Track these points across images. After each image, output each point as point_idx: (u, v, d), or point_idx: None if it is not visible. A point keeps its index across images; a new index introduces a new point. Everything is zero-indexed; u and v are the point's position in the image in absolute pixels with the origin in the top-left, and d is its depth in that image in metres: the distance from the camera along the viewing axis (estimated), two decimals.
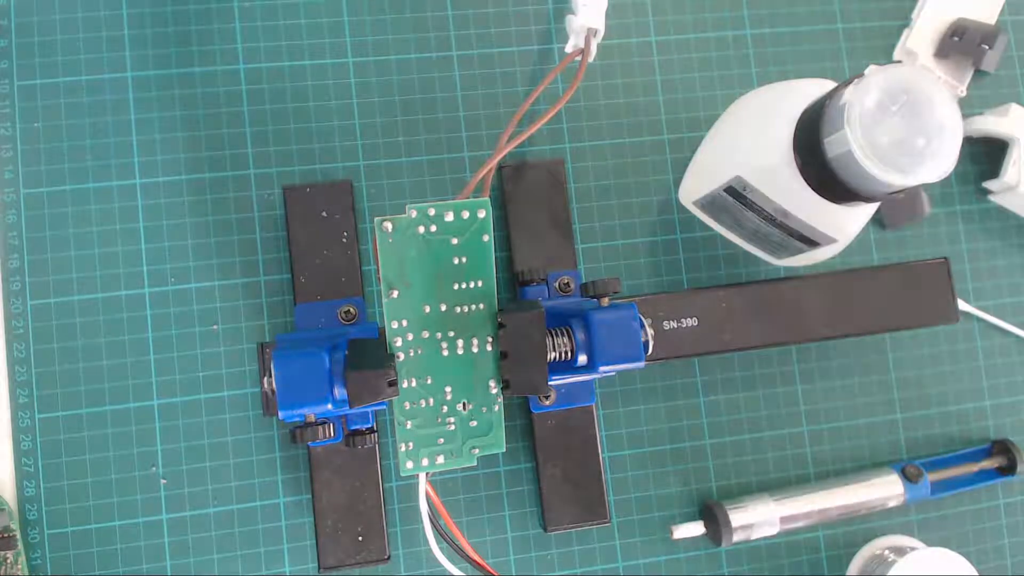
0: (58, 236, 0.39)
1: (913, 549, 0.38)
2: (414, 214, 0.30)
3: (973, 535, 0.42)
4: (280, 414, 0.32)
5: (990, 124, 0.43)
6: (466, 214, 0.30)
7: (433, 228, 0.30)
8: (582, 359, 0.35)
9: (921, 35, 0.45)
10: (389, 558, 0.37)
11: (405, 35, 0.42)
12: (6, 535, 0.36)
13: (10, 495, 0.37)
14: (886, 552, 0.40)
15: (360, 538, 0.37)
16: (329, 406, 0.32)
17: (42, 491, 0.37)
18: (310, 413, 0.32)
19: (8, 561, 0.36)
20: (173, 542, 0.38)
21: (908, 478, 0.40)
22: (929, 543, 0.40)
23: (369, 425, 0.36)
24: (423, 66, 0.42)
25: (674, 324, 0.38)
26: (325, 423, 0.33)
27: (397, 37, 0.42)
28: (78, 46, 0.40)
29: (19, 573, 0.36)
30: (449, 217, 0.30)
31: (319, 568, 0.37)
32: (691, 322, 0.38)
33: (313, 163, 0.41)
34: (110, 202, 0.39)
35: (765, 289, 0.39)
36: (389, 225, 0.30)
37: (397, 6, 0.42)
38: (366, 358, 0.32)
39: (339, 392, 0.32)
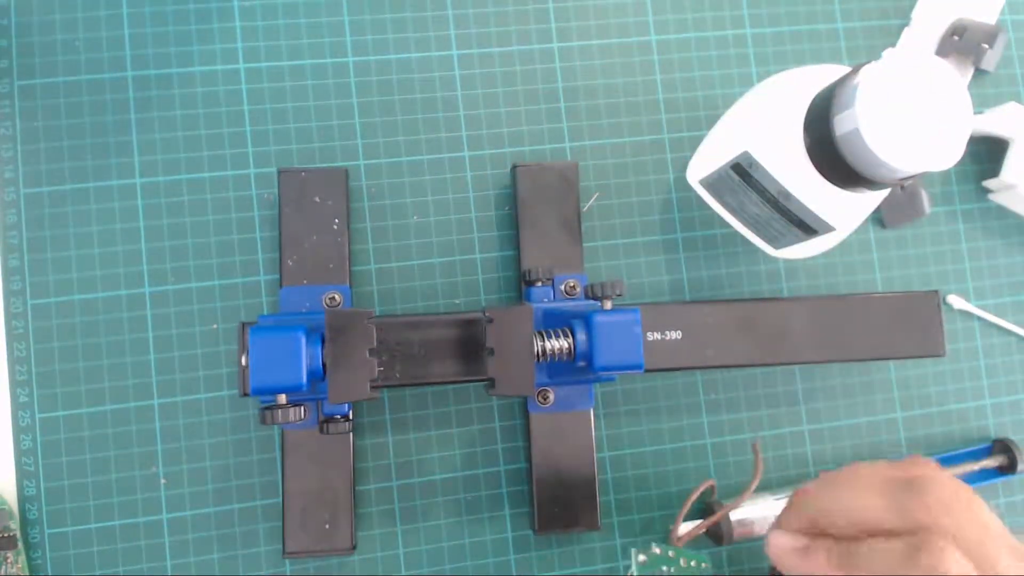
0: (58, 235, 0.39)
1: None
2: (658, 551, 0.34)
3: None
4: (251, 391, 0.32)
5: (990, 123, 0.43)
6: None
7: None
8: (581, 361, 0.35)
9: (921, 34, 0.45)
10: (354, 548, 0.37)
11: (405, 34, 0.42)
12: (6, 534, 0.36)
13: (10, 494, 0.37)
14: None
15: (327, 526, 0.37)
16: (310, 387, 0.32)
17: (42, 490, 0.37)
18: (283, 393, 0.32)
19: (8, 560, 0.36)
20: (173, 541, 0.38)
21: None
22: None
23: (344, 413, 0.36)
24: (423, 65, 0.42)
25: (658, 336, 0.37)
26: (297, 406, 0.32)
27: (397, 36, 0.42)
28: (78, 45, 0.40)
29: (19, 572, 0.36)
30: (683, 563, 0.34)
31: (283, 553, 0.37)
32: (675, 335, 0.37)
33: (313, 162, 0.41)
34: (110, 201, 0.39)
35: (752, 307, 0.39)
36: (644, 557, 0.34)
37: (397, 5, 0.42)
38: (348, 351, 0.31)
39: (315, 375, 0.33)
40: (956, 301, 0.44)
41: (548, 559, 0.40)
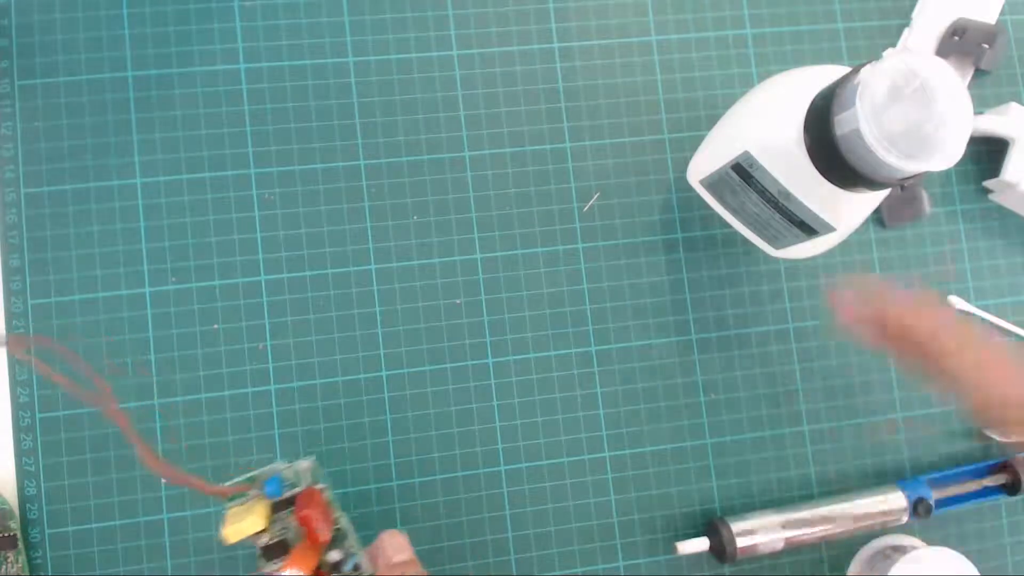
0: (59, 235, 0.39)
1: (914, 548, 0.38)
2: None
3: (973, 534, 0.42)
4: None
5: (990, 123, 0.43)
6: None
7: None
8: None
9: (921, 35, 0.45)
10: None
11: (405, 34, 0.42)
12: (7, 534, 0.36)
13: (11, 494, 0.37)
14: (887, 551, 0.40)
15: None
16: None
17: (43, 490, 0.37)
18: None
19: (9, 560, 0.36)
20: (174, 541, 0.38)
21: (917, 513, 0.40)
22: (929, 542, 0.40)
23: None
24: (423, 65, 0.42)
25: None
26: None
27: (397, 36, 0.42)
28: (78, 45, 0.40)
29: (20, 572, 0.36)
30: None
31: None
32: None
33: (314, 162, 0.41)
34: (111, 201, 0.39)
35: None
36: None
37: (397, 5, 0.42)
38: None
39: None
40: (956, 301, 0.44)
41: (548, 559, 0.40)
